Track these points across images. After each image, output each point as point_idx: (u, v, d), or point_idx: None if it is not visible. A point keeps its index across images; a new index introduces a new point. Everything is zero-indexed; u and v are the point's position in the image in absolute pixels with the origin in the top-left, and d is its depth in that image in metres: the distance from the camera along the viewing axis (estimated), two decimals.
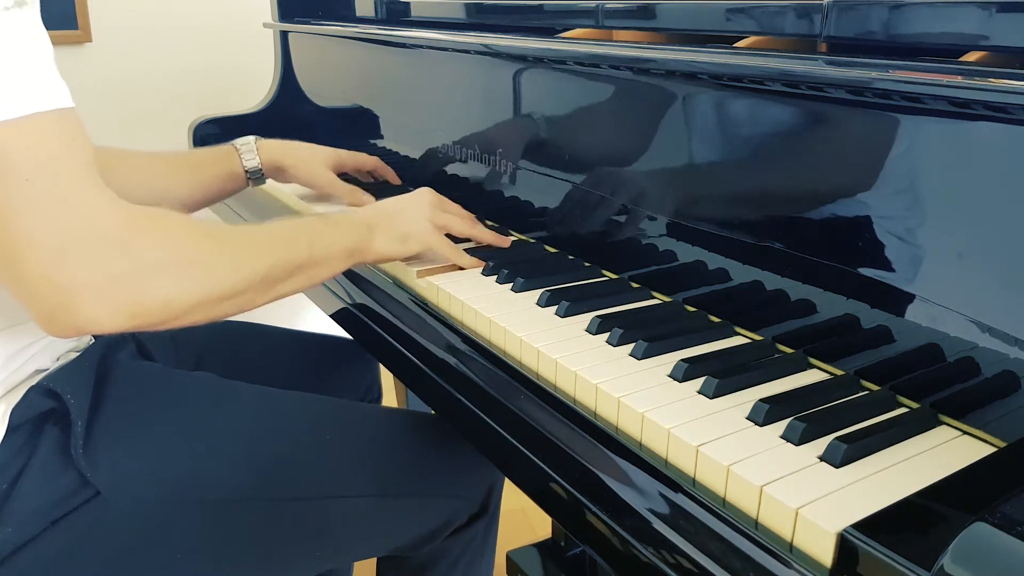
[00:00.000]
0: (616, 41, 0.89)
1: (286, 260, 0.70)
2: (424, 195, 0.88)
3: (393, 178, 1.18)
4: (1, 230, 0.54)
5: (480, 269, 0.84)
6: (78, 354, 0.75)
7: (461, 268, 0.85)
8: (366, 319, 0.88)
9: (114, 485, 0.68)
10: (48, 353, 0.72)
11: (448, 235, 0.87)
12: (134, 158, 0.94)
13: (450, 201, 0.90)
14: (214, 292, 0.64)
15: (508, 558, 1.26)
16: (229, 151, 1.03)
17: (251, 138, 1.05)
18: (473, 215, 0.92)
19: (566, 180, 0.88)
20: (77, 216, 0.56)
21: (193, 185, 0.98)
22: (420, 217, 0.84)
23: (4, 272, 0.57)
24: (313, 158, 1.09)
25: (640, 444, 0.56)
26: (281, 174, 1.08)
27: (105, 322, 0.58)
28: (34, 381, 0.69)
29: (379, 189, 1.13)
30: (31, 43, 0.56)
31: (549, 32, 0.96)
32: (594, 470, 0.56)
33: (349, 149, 1.25)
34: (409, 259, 0.86)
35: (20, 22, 0.55)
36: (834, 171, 0.63)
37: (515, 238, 0.94)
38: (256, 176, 1.05)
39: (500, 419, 0.65)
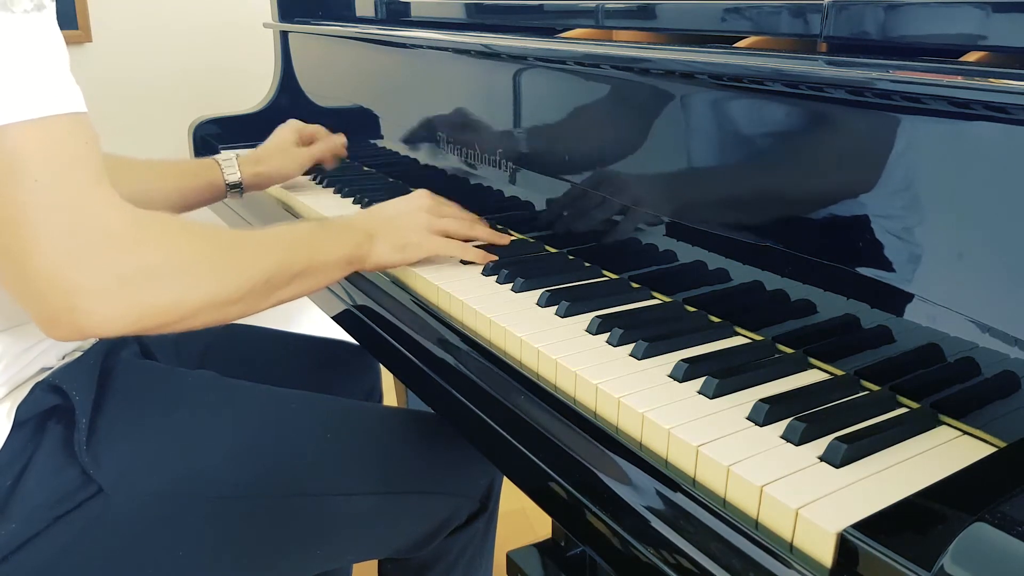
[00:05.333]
0: (616, 41, 0.89)
1: (288, 265, 0.71)
2: (421, 200, 0.87)
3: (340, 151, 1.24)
4: (7, 230, 0.54)
5: (481, 268, 0.84)
6: (82, 353, 0.75)
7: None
8: (367, 320, 0.88)
9: (117, 482, 0.68)
10: (54, 352, 0.73)
11: None
12: (123, 163, 0.96)
13: (447, 202, 0.90)
14: (218, 296, 0.64)
15: (508, 558, 1.26)
16: (211, 164, 1.09)
17: (232, 153, 1.11)
18: (471, 215, 0.92)
19: (566, 180, 0.88)
20: (84, 219, 0.56)
21: (175, 193, 1.03)
22: (419, 226, 0.84)
23: (7, 273, 0.57)
24: (283, 141, 1.18)
25: (640, 444, 0.56)
26: (261, 180, 1.14)
27: (109, 325, 0.58)
28: (39, 379, 0.70)
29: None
30: (48, 46, 0.56)
31: (549, 32, 0.96)
32: (594, 470, 0.56)
33: (349, 149, 1.26)
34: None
35: (39, 25, 0.55)
36: (834, 171, 0.63)
37: (515, 238, 0.94)
38: (236, 188, 1.10)
39: (500, 419, 0.65)
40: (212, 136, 1.51)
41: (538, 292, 0.77)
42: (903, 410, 0.56)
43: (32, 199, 0.54)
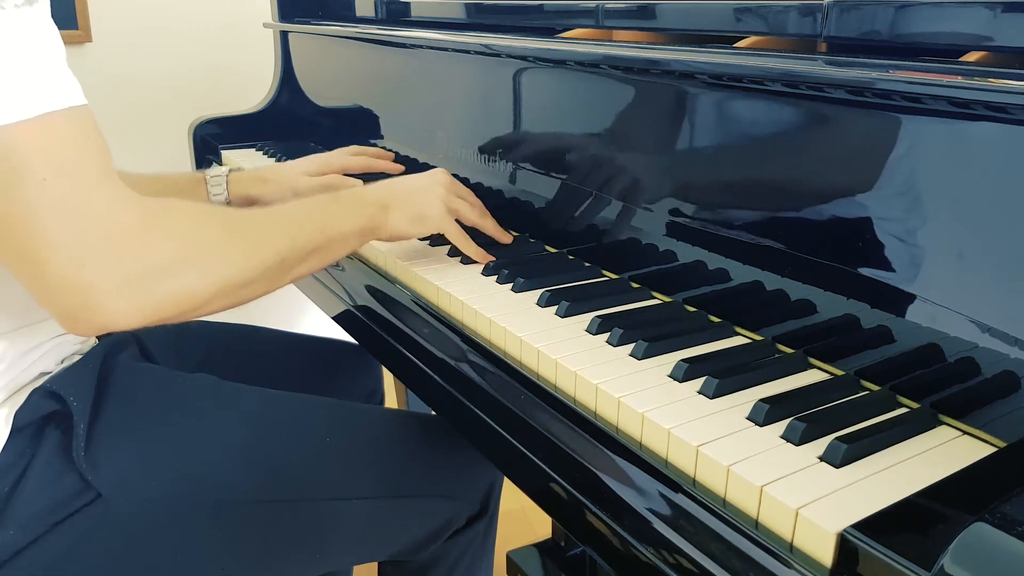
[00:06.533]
0: (616, 41, 0.89)
1: (301, 243, 0.71)
2: (440, 176, 0.87)
3: (393, 168, 1.14)
4: (20, 231, 0.54)
5: (481, 268, 0.84)
6: (81, 356, 0.75)
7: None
8: (367, 320, 0.88)
9: (115, 487, 0.68)
10: (53, 356, 0.72)
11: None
12: None
13: (462, 185, 0.90)
14: (233, 280, 0.64)
15: (508, 558, 1.26)
16: (198, 180, 1.02)
17: (224, 168, 1.04)
18: (482, 204, 0.91)
19: (566, 180, 0.88)
20: (95, 215, 0.56)
21: None
22: (436, 200, 0.84)
23: (23, 273, 0.57)
24: (294, 169, 1.06)
25: (640, 444, 0.56)
26: (257, 201, 1.04)
27: (127, 319, 0.58)
28: (38, 383, 0.69)
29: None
30: (41, 41, 0.55)
31: (549, 32, 0.96)
32: (594, 470, 0.56)
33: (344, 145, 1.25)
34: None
35: (29, 20, 0.54)
36: (834, 171, 0.63)
37: (515, 235, 0.94)
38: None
39: (500, 419, 0.65)
40: (212, 136, 1.51)
41: (538, 292, 0.76)
42: (903, 410, 0.56)
43: (40, 199, 0.54)
